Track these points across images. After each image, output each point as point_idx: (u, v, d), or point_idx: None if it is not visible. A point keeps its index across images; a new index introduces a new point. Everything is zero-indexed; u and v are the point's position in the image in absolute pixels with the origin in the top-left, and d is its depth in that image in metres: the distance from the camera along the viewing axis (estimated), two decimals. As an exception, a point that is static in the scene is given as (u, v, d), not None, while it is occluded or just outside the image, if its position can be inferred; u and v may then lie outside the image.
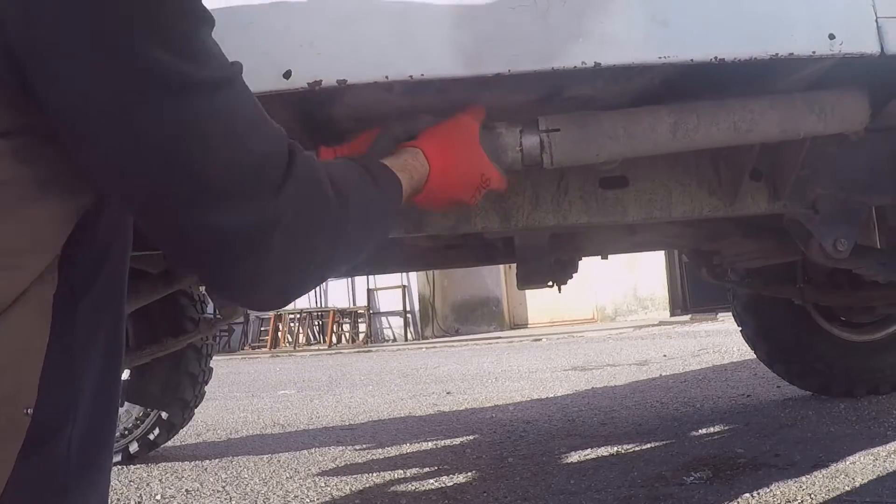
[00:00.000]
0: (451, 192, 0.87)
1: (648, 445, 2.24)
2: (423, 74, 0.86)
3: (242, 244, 0.57)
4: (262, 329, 11.13)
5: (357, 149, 0.95)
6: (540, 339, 8.26)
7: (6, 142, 0.52)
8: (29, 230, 0.54)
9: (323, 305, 11.13)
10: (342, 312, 11.11)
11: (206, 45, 0.55)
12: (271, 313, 10.49)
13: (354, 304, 11.23)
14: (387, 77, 0.85)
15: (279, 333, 10.91)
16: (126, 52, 0.50)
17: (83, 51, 0.50)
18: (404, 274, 10.40)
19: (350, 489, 2.03)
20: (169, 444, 2.71)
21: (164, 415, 2.46)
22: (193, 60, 0.53)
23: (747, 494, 1.64)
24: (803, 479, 1.72)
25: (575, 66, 0.87)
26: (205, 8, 0.56)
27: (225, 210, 0.55)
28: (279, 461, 2.50)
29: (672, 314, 9.70)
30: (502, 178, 0.94)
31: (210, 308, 2.35)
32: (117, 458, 2.47)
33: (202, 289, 2.33)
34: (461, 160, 0.88)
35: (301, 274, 0.63)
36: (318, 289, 10.45)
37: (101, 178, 0.55)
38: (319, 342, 11.04)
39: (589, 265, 2.11)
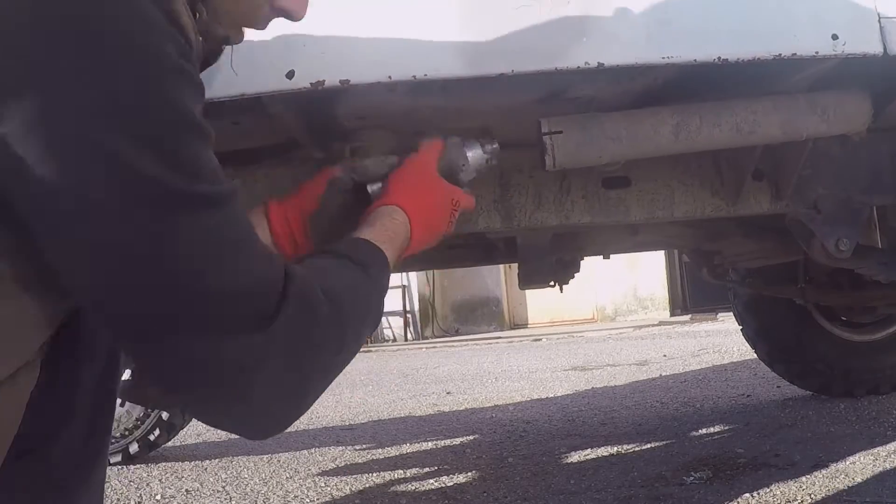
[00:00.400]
0: (434, 231, 0.84)
1: (648, 445, 2.24)
2: (426, 75, 0.86)
3: (225, 375, 0.52)
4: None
5: (304, 200, 0.89)
6: (540, 339, 8.26)
7: None
8: (8, 329, 0.50)
9: (322, 305, 11.10)
10: (342, 312, 11.07)
11: (198, 159, 0.50)
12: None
13: (354, 303, 11.19)
14: (390, 77, 0.85)
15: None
16: (105, 156, 0.46)
17: (62, 155, 0.46)
18: (404, 274, 10.39)
19: (350, 489, 2.03)
20: (169, 444, 2.70)
21: (164, 415, 2.46)
22: (182, 172, 0.49)
23: (747, 494, 1.64)
24: (803, 479, 1.72)
25: (578, 67, 0.87)
26: (201, 121, 0.52)
27: (208, 340, 0.50)
28: (279, 461, 2.50)
29: (672, 314, 9.70)
30: (469, 197, 0.91)
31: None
32: (118, 458, 2.47)
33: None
34: (435, 199, 0.84)
35: (297, 399, 0.59)
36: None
37: (77, 293, 0.51)
38: (319, 342, 10.99)
39: (589, 265, 2.10)
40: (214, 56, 0.66)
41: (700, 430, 2.40)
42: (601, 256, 2.00)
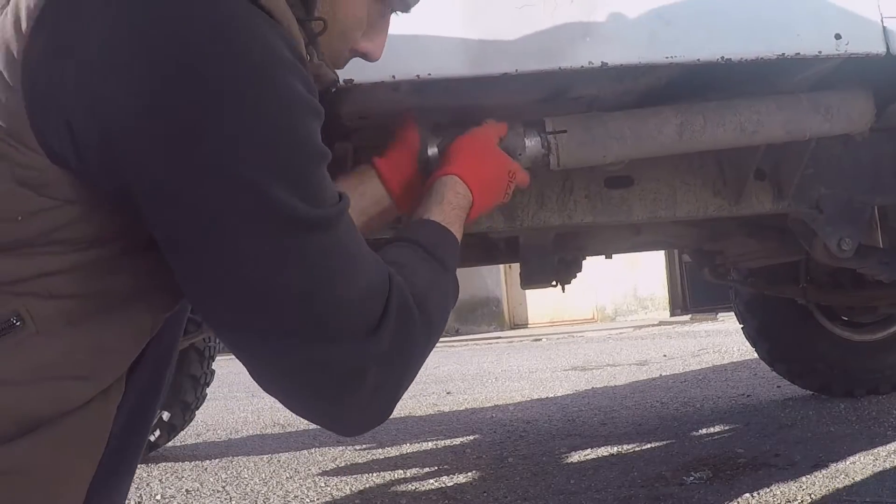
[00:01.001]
0: (492, 201, 0.87)
1: (648, 445, 2.24)
2: (429, 74, 0.86)
3: (336, 382, 0.56)
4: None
5: (409, 142, 0.92)
6: (540, 339, 8.26)
7: (91, 252, 0.52)
8: (103, 344, 0.54)
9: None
10: (341, 312, 11.07)
11: (320, 183, 0.55)
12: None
13: (353, 303, 11.19)
14: (393, 76, 0.85)
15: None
16: (242, 185, 0.50)
17: (198, 184, 0.50)
18: (403, 274, 10.36)
19: (350, 489, 2.03)
20: (169, 443, 2.70)
21: (165, 416, 2.46)
22: (307, 199, 0.53)
23: (747, 494, 1.64)
24: (803, 479, 1.72)
25: (582, 66, 0.87)
26: (321, 144, 0.56)
27: (322, 348, 0.55)
28: (279, 461, 2.50)
29: (672, 314, 9.69)
30: (525, 173, 0.93)
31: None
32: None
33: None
34: (495, 169, 0.87)
35: (391, 399, 0.62)
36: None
37: (197, 300, 0.55)
38: (318, 342, 10.99)
39: (589, 265, 2.10)
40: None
41: (700, 430, 2.40)
42: (602, 256, 2.00)
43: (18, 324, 0.50)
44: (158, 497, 2.10)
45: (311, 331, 0.54)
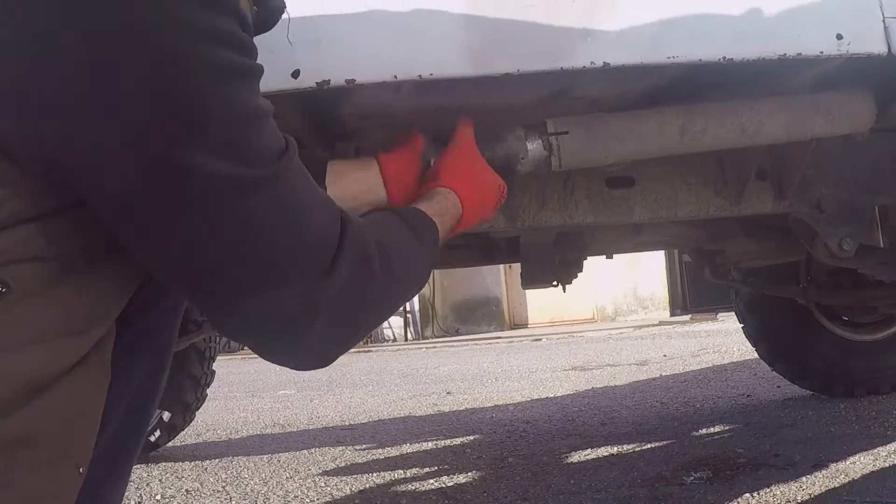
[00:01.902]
0: (480, 216, 0.88)
1: (648, 445, 2.24)
2: (431, 74, 0.85)
3: (286, 322, 0.57)
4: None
5: (414, 145, 0.93)
6: (540, 339, 8.26)
7: (59, 219, 0.52)
8: (91, 298, 0.54)
9: (322, 305, 11.08)
10: (341, 312, 11.06)
11: (260, 142, 0.55)
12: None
13: (353, 303, 11.18)
14: (395, 77, 0.85)
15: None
16: (171, 158, 0.50)
17: (127, 152, 0.50)
18: (403, 274, 10.35)
19: (350, 489, 2.03)
20: (169, 444, 2.70)
21: (165, 416, 2.46)
22: (246, 162, 0.53)
23: (747, 494, 1.64)
24: (803, 479, 1.72)
25: (583, 66, 0.87)
26: (259, 104, 0.55)
27: (271, 296, 0.56)
28: (279, 461, 2.49)
29: (672, 314, 9.70)
30: (504, 185, 0.94)
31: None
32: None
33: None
34: (484, 185, 0.89)
35: (344, 342, 0.64)
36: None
37: (148, 267, 0.56)
38: (318, 342, 10.99)
39: (589, 265, 2.10)
40: (269, 25, 0.70)
41: (700, 430, 2.40)
42: (602, 256, 2.00)
43: (4, 290, 0.50)
44: (158, 497, 2.10)
45: (259, 282, 0.55)
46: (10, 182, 0.50)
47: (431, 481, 2.04)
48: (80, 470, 0.54)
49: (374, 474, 2.18)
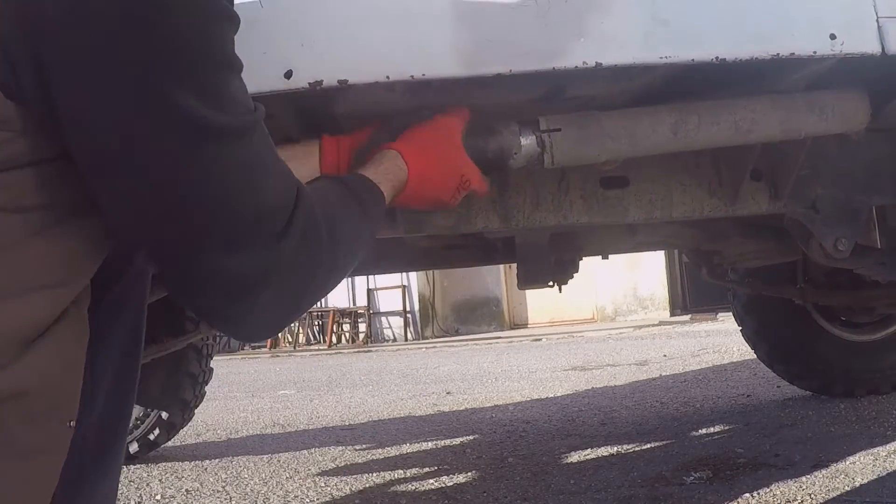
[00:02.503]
0: (429, 193, 0.88)
1: (648, 445, 2.24)
2: (424, 74, 0.85)
3: (237, 286, 0.58)
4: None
5: (358, 139, 0.95)
6: (540, 339, 8.26)
7: (47, 167, 0.53)
8: (70, 250, 0.55)
9: (323, 305, 11.12)
10: (342, 312, 11.10)
11: (231, 92, 0.55)
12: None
13: (354, 304, 11.22)
14: (388, 77, 0.85)
15: (279, 333, 10.90)
16: (151, 93, 0.50)
17: (109, 84, 0.50)
18: (404, 274, 10.38)
19: (350, 489, 2.03)
20: (169, 444, 2.70)
21: (164, 415, 2.46)
22: (218, 107, 0.53)
23: (747, 494, 1.64)
24: (803, 479, 1.72)
25: (576, 67, 0.87)
26: (234, 55, 0.56)
27: (227, 255, 0.56)
28: (279, 461, 2.50)
29: (672, 314, 9.69)
30: (483, 180, 0.94)
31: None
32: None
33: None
34: (440, 162, 0.88)
35: (291, 310, 0.64)
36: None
37: (110, 209, 0.56)
38: (319, 342, 11.03)
39: (589, 265, 2.10)
40: None
41: (700, 430, 2.40)
42: (601, 256, 2.00)
43: None
44: (158, 497, 2.11)
45: (217, 239, 0.55)
46: (11, 124, 0.51)
47: (431, 481, 2.05)
48: (70, 423, 0.55)
49: (374, 474, 2.18)
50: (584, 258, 1.91)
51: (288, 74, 0.84)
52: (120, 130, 0.51)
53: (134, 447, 2.48)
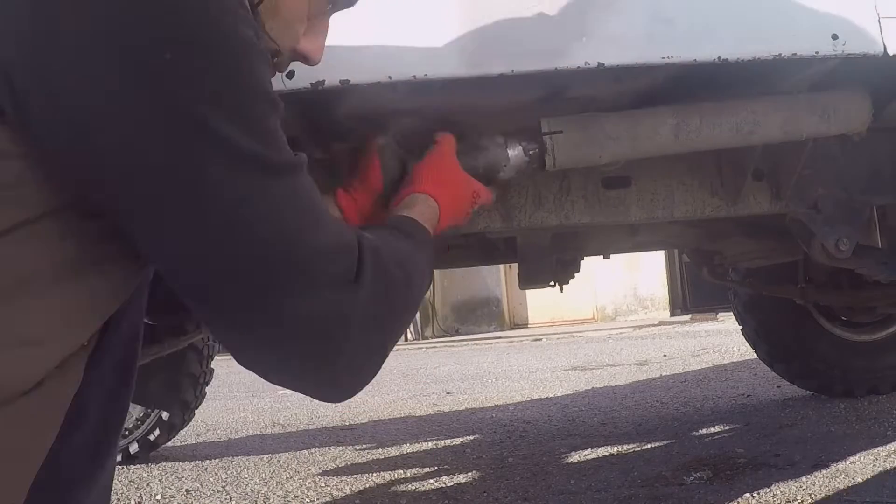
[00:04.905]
0: (454, 222, 0.88)
1: (648, 445, 2.24)
2: (426, 75, 0.86)
3: (321, 337, 0.54)
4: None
5: (368, 182, 0.94)
6: (540, 339, 8.26)
7: (50, 222, 0.50)
8: (56, 316, 0.51)
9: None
10: (342, 312, 11.07)
11: (277, 132, 0.54)
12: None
13: (354, 303, 11.19)
14: (390, 77, 0.85)
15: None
16: (199, 129, 0.48)
17: (158, 135, 0.48)
18: (404, 274, 10.34)
19: (350, 489, 2.03)
20: (169, 444, 2.70)
21: (164, 415, 2.46)
22: (268, 143, 0.52)
23: (747, 494, 1.64)
24: (803, 479, 1.72)
25: (578, 67, 0.87)
26: (275, 94, 0.55)
27: (303, 300, 0.53)
28: (279, 461, 2.50)
29: (672, 314, 9.68)
30: (489, 192, 0.95)
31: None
32: (118, 458, 2.48)
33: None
34: (458, 191, 0.89)
35: (375, 359, 0.61)
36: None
37: (163, 261, 0.53)
38: (319, 342, 10.99)
39: (589, 265, 2.10)
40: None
41: (700, 430, 2.40)
42: (601, 256, 2.00)
43: None
44: (158, 497, 2.10)
45: (289, 279, 0.52)
46: (12, 183, 0.49)
47: (431, 481, 2.05)
48: None
49: (374, 474, 2.18)
50: (584, 258, 1.92)
51: (290, 75, 0.84)
52: (172, 174, 0.49)
53: (134, 448, 2.48)
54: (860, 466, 1.78)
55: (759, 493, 1.64)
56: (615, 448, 2.24)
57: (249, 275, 0.52)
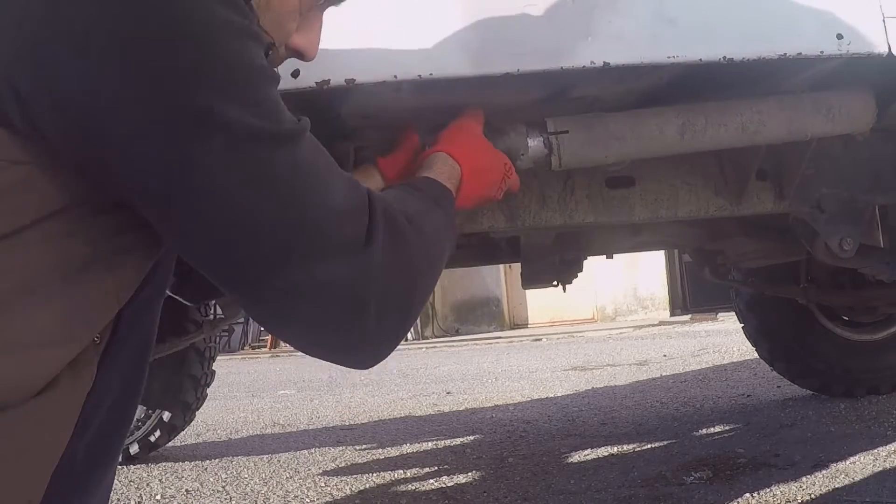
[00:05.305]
0: (482, 190, 0.87)
1: (648, 445, 2.24)
2: (431, 74, 0.85)
3: (342, 303, 0.55)
4: (263, 329, 11.08)
5: (406, 151, 0.94)
6: (540, 339, 8.26)
7: (58, 221, 0.51)
8: (67, 313, 0.52)
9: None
10: (341, 312, 11.07)
11: (276, 103, 0.55)
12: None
13: (353, 303, 11.19)
14: (395, 76, 0.85)
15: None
16: (197, 112, 0.49)
17: (162, 126, 0.49)
18: (403, 274, 10.34)
19: (350, 489, 2.03)
20: (169, 444, 2.70)
21: (165, 416, 2.46)
22: (266, 116, 0.53)
23: (747, 494, 1.64)
24: (803, 479, 1.72)
25: (583, 66, 0.87)
26: (272, 69, 0.56)
27: (321, 266, 0.54)
28: (279, 461, 2.50)
29: (672, 314, 9.69)
30: (517, 176, 0.94)
31: (212, 309, 2.34)
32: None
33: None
34: (485, 156, 0.88)
35: (407, 314, 0.61)
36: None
37: (185, 247, 0.54)
38: (318, 342, 11.00)
39: (589, 265, 2.10)
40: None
41: (700, 430, 2.40)
42: (602, 256, 2.00)
43: None
44: (158, 497, 2.10)
45: (305, 247, 0.53)
46: (22, 187, 0.49)
47: (431, 481, 2.05)
48: None
49: (374, 474, 2.18)
50: (587, 257, 1.91)
51: (295, 74, 0.84)
52: (180, 162, 0.50)
53: (134, 448, 2.48)
54: (860, 466, 1.78)
55: (759, 493, 1.64)
56: (615, 448, 2.24)
57: (267, 246, 0.53)
